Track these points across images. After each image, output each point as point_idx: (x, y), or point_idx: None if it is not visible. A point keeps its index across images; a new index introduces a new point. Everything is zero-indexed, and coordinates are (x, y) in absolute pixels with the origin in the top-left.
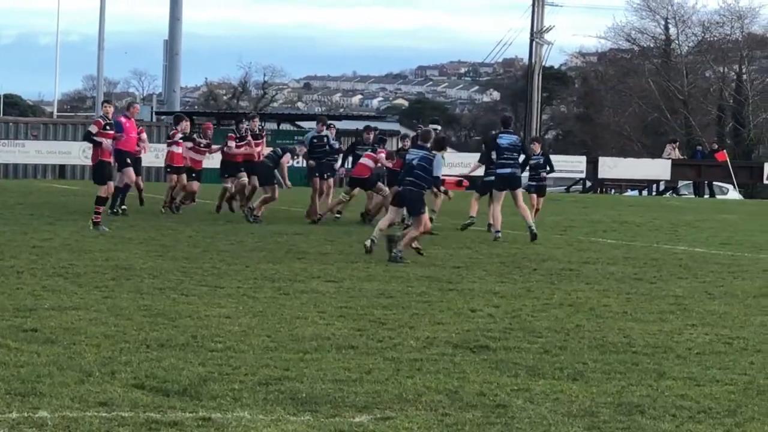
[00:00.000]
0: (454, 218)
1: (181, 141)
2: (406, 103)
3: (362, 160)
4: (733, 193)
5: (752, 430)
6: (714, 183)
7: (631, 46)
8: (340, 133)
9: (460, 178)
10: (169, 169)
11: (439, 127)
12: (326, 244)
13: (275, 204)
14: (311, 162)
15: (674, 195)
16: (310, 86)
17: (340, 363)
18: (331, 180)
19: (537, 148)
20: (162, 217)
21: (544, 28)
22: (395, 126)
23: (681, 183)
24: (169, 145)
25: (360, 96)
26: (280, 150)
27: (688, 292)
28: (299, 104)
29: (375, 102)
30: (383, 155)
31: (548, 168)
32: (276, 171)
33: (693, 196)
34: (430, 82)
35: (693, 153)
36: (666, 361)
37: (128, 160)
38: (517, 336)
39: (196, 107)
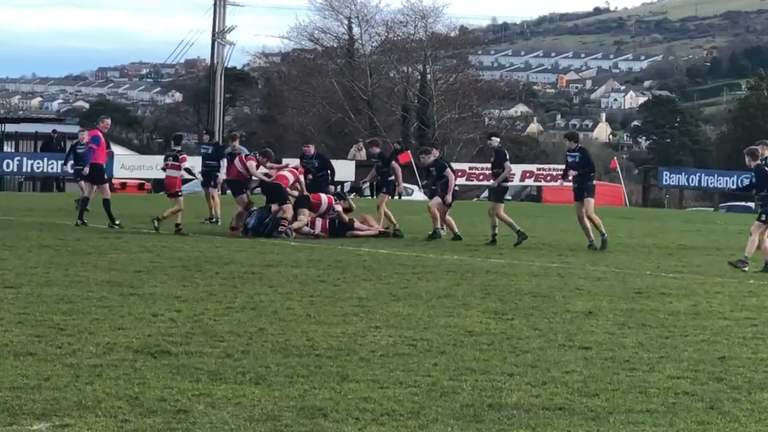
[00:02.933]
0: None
1: None
2: (87, 105)
3: None
4: (418, 194)
5: (435, 431)
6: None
7: (315, 46)
8: (20, 137)
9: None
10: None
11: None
12: (4, 249)
13: None
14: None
15: (358, 197)
16: None
17: (18, 370)
18: None
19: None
20: None
21: (226, 29)
22: (75, 128)
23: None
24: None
25: (40, 98)
26: None
27: (371, 293)
28: None
29: (55, 104)
30: None
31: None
32: None
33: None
34: (112, 84)
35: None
36: (349, 364)
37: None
38: (199, 340)
39: None
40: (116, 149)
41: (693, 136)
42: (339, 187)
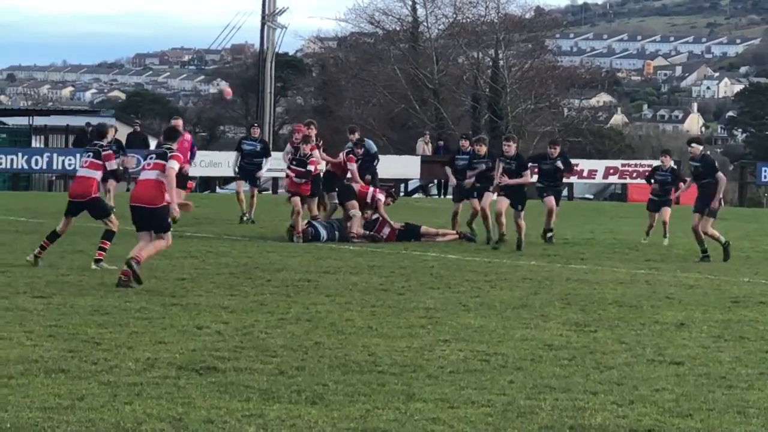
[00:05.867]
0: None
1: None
2: (123, 96)
3: None
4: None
5: None
6: None
7: (375, 30)
8: (49, 130)
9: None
10: None
11: None
12: None
13: None
14: None
15: (424, 195)
16: (14, 77)
17: (49, 389)
18: None
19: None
20: None
21: (277, 11)
22: (111, 121)
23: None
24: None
25: (71, 88)
26: None
27: (440, 303)
28: (1, 98)
29: (88, 94)
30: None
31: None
32: None
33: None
34: (150, 72)
35: (435, 149)
36: (416, 381)
37: None
38: (249, 355)
39: None
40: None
41: None
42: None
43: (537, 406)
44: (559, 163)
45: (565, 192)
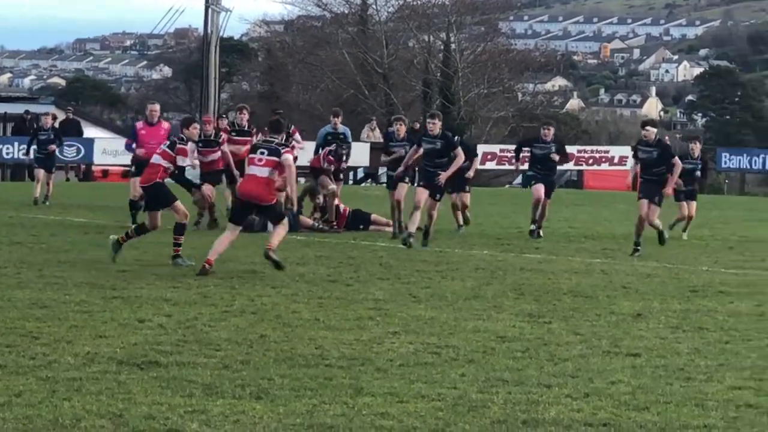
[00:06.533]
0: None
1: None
2: (63, 82)
3: None
4: None
5: None
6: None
7: (323, 13)
8: None
9: None
10: None
11: None
12: None
13: None
14: None
15: (374, 183)
16: None
17: None
18: None
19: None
20: None
21: None
22: (50, 108)
23: (381, 170)
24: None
25: (9, 74)
26: None
27: (389, 295)
28: None
29: (27, 81)
30: None
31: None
32: None
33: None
34: (91, 58)
35: (385, 135)
36: (364, 375)
37: None
38: (192, 349)
39: None
40: (97, 132)
41: (756, 112)
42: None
43: (489, 400)
44: (554, 149)
45: (519, 179)
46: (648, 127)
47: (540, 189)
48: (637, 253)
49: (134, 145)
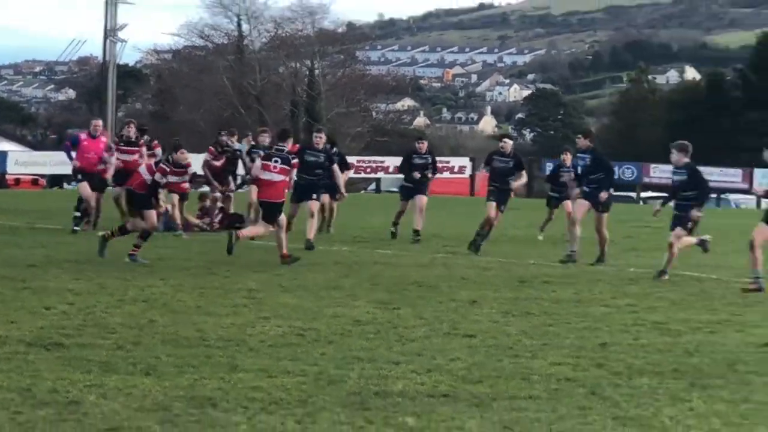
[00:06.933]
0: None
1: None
2: None
3: None
4: None
5: (322, 419)
6: None
7: (206, 43)
8: None
9: None
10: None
11: None
12: None
13: None
14: None
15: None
16: None
17: None
18: None
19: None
20: None
21: (118, 26)
22: None
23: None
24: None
25: None
26: None
27: (261, 285)
28: None
29: None
30: None
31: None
32: None
33: None
34: (5, 81)
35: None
36: (238, 354)
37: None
38: (91, 332)
39: None
40: (10, 146)
41: (576, 128)
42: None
43: (346, 375)
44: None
45: (373, 186)
46: (506, 140)
47: (492, 206)
48: (477, 248)
49: (73, 153)
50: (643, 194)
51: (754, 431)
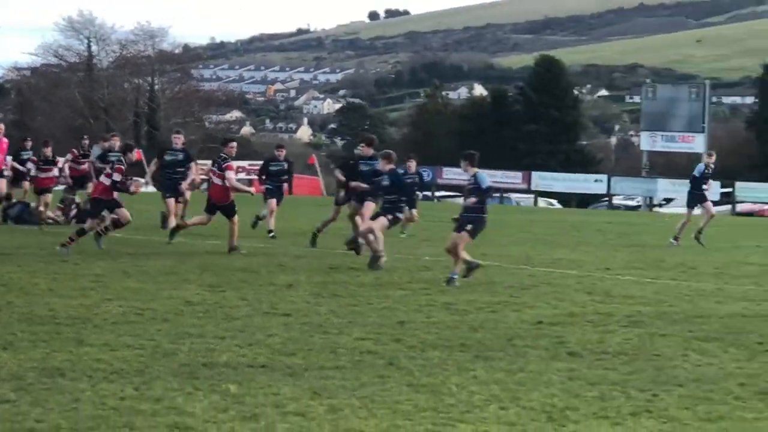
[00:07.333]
0: None
1: None
2: None
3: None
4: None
5: (156, 387)
6: None
7: (60, 62)
8: None
9: None
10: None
11: None
12: None
13: None
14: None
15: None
16: None
17: None
18: None
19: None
20: None
21: None
22: None
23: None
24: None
25: None
26: None
27: (107, 271)
28: None
29: None
30: None
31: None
32: None
33: None
34: None
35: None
36: (85, 331)
37: None
38: None
39: None
40: None
41: (381, 137)
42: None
43: (178, 349)
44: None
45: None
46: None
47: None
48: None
49: None
50: (438, 193)
51: (529, 396)
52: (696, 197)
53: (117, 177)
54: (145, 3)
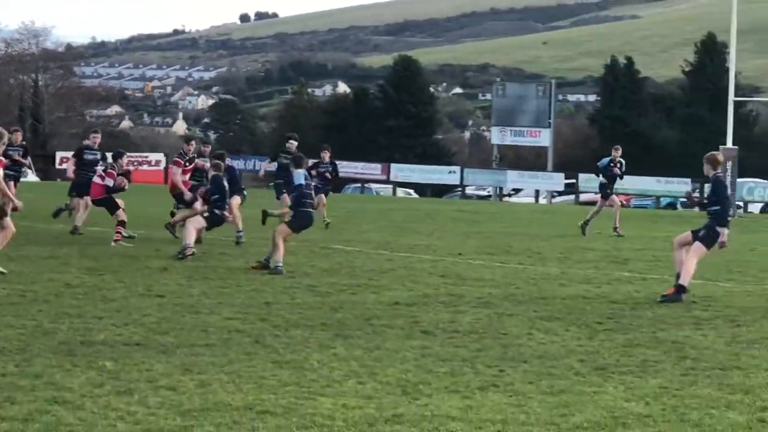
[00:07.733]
0: None
1: None
2: None
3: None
4: (32, 176)
5: (36, 363)
6: None
7: None
8: None
9: None
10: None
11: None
12: None
13: None
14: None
15: None
16: None
17: None
18: None
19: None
20: None
21: None
22: None
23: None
24: None
25: None
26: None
27: None
28: None
29: None
30: None
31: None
32: None
33: None
34: None
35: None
36: None
37: None
38: None
39: None
40: None
41: (251, 131)
42: None
43: (57, 328)
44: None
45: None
46: (292, 141)
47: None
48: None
49: None
50: None
51: (385, 371)
52: (604, 186)
53: (110, 182)
54: (29, 3)
